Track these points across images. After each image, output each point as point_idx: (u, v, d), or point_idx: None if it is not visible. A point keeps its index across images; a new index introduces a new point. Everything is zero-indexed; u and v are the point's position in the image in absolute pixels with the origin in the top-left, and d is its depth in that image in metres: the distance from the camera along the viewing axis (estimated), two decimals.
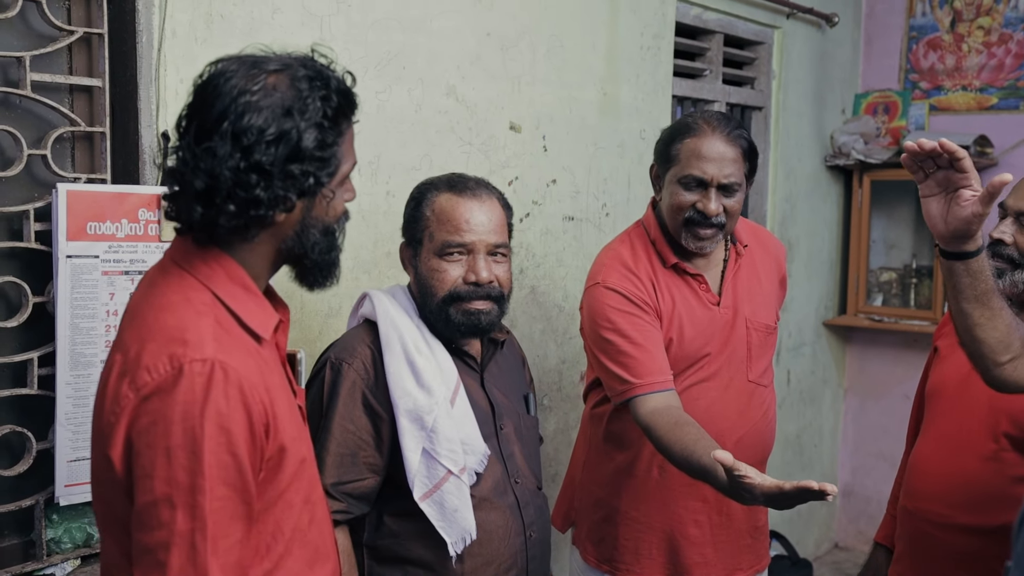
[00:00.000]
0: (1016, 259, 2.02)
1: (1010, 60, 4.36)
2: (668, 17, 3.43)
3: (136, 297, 1.35)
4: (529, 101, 2.89)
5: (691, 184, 2.02)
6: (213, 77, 1.27)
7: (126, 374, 1.23)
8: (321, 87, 1.29)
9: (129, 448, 1.21)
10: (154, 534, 1.17)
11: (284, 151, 1.24)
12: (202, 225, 1.27)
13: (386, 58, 2.46)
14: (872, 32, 4.71)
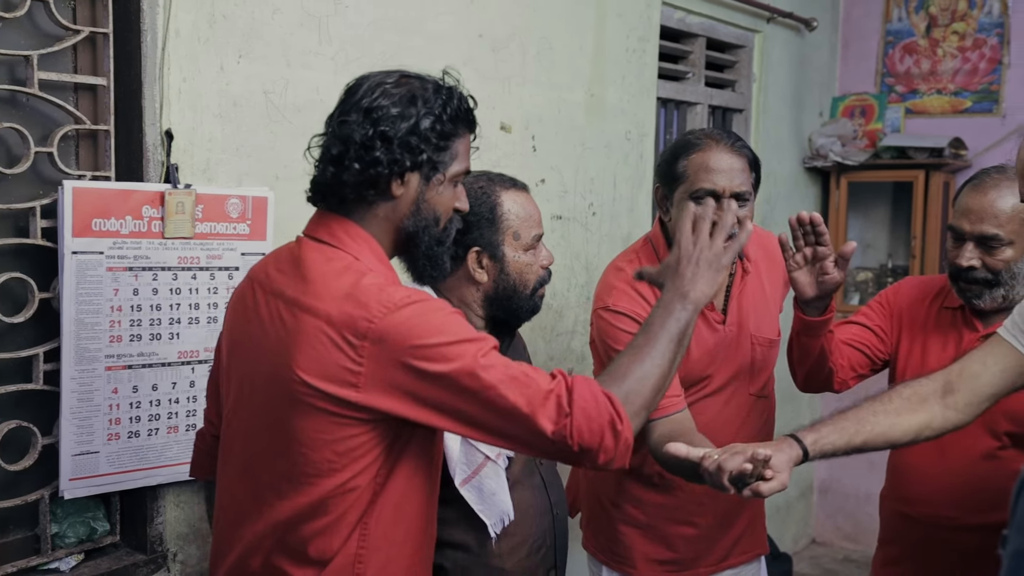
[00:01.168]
0: (989, 279, 2.06)
1: (984, 64, 4.47)
2: (653, 20, 3.49)
3: (281, 270, 1.50)
4: (519, 102, 2.94)
5: (704, 197, 2.00)
6: (358, 80, 1.52)
7: (341, 324, 1.36)
8: (445, 93, 1.52)
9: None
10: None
11: (405, 127, 1.45)
12: (331, 185, 1.47)
13: (382, 59, 2.49)
14: (849, 36, 4.80)
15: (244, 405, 1.50)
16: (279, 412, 1.42)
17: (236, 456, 1.52)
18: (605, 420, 1.38)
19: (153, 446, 2.08)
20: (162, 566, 2.14)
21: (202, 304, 2.13)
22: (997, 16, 4.42)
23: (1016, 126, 4.37)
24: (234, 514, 1.51)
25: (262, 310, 1.48)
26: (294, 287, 1.45)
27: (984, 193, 2.04)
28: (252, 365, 1.48)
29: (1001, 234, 2.01)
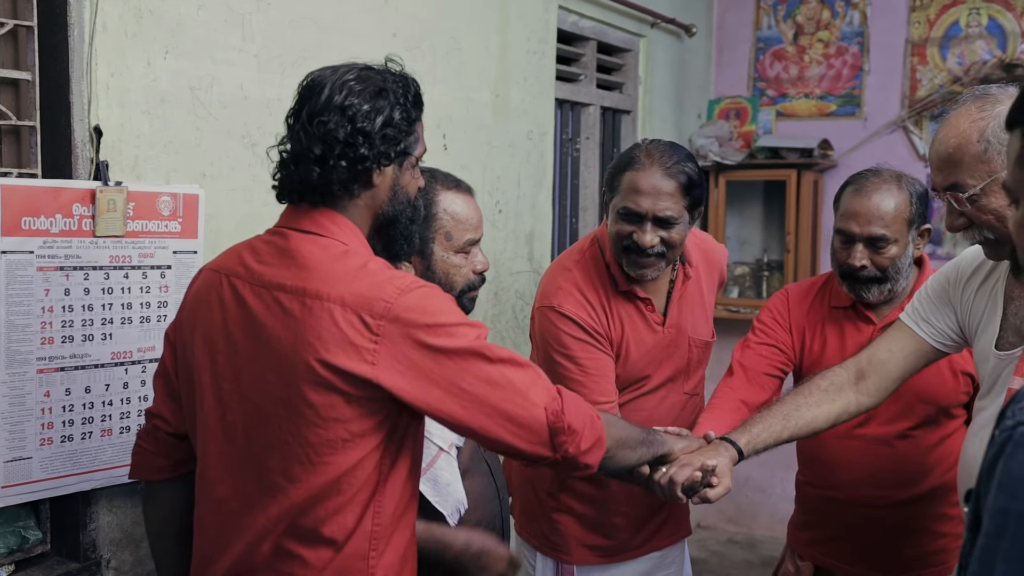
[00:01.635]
0: (878, 276, 2.22)
1: (846, 71, 4.77)
2: (551, 23, 3.60)
3: (267, 263, 1.53)
4: (430, 101, 2.94)
5: (628, 216, 2.09)
6: (315, 79, 1.57)
7: (356, 306, 1.42)
8: (403, 81, 1.60)
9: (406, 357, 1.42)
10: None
11: (380, 120, 1.52)
12: (317, 184, 1.51)
13: (303, 56, 2.49)
14: (723, 43, 5.04)
15: (241, 397, 1.50)
16: (290, 397, 1.44)
17: (235, 448, 1.52)
18: (589, 411, 1.53)
19: (87, 450, 2.02)
20: (96, 573, 2.09)
21: (135, 304, 2.09)
22: (858, 26, 4.74)
23: (876, 128, 4.69)
24: (238, 504, 1.52)
25: (252, 303, 1.49)
26: (293, 276, 1.47)
27: (868, 197, 2.19)
28: (247, 358, 1.49)
29: (888, 234, 2.17)
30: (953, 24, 4.52)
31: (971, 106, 1.78)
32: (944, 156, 1.78)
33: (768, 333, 2.35)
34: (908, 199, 2.19)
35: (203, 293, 1.58)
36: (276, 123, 2.36)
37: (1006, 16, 4.41)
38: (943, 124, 1.84)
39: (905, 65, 4.64)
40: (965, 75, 4.49)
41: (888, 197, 2.18)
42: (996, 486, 1.02)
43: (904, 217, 2.18)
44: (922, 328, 1.98)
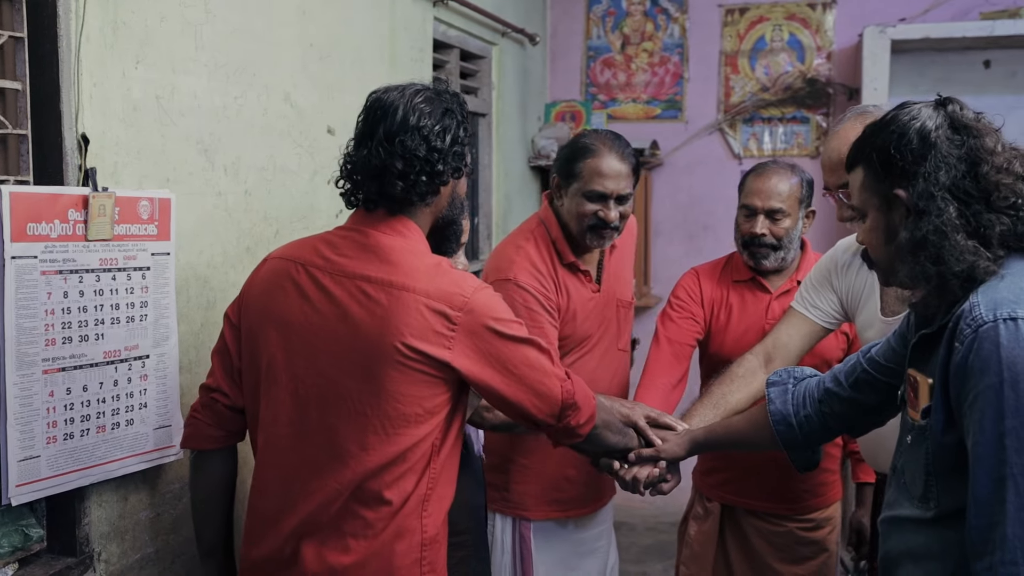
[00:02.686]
0: (774, 243, 2.68)
1: (669, 78, 5.30)
2: (427, 33, 3.84)
3: (349, 258, 1.76)
4: (341, 106, 3.15)
5: (594, 197, 2.46)
6: (384, 100, 1.82)
7: (438, 300, 1.68)
8: (458, 100, 1.87)
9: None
10: None
11: (450, 138, 1.78)
12: (400, 195, 1.75)
13: (242, 66, 2.62)
14: (556, 50, 5.44)
15: (317, 373, 1.70)
16: (373, 375, 1.65)
17: (307, 419, 1.71)
18: (590, 392, 1.87)
19: (85, 447, 2.09)
20: (90, 567, 2.15)
21: (121, 304, 2.17)
22: (678, 38, 5.26)
23: (697, 130, 5.24)
24: (307, 471, 1.71)
25: (335, 291, 1.71)
26: (377, 269, 1.69)
27: (768, 178, 2.67)
28: (327, 338, 1.69)
29: (783, 208, 2.63)
30: (760, 38, 5.14)
31: (855, 120, 2.24)
32: (836, 160, 2.23)
33: (685, 308, 2.74)
34: (800, 183, 2.67)
35: (274, 279, 1.80)
36: (224, 130, 2.52)
37: (804, 33, 5.07)
38: (833, 135, 2.30)
39: (720, 74, 5.21)
40: (771, 84, 5.12)
41: (784, 179, 2.66)
42: (975, 372, 1.40)
43: (796, 197, 2.65)
44: (811, 312, 2.43)
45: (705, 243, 5.03)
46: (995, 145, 1.53)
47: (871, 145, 1.62)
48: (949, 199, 1.51)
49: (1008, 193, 1.50)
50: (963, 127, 1.54)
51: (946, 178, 1.51)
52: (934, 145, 1.53)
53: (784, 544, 2.71)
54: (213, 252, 2.53)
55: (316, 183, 3.02)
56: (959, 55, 4.75)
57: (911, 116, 1.58)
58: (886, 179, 1.58)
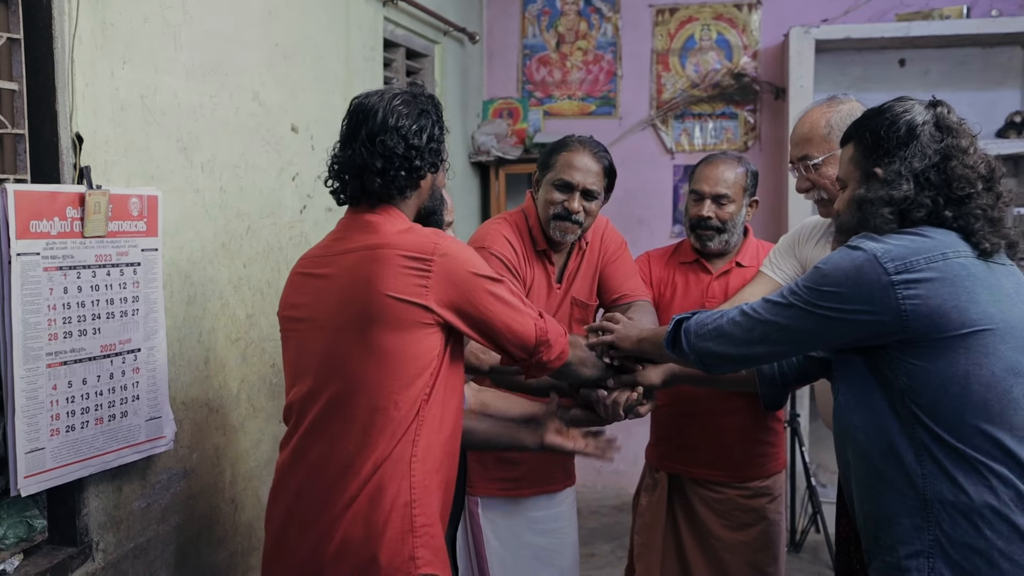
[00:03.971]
0: (719, 226, 2.87)
1: (603, 76, 5.47)
2: (378, 32, 3.92)
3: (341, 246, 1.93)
4: (303, 105, 3.23)
5: (562, 187, 2.62)
6: (366, 104, 1.95)
7: (411, 249, 1.84)
8: (433, 101, 2.01)
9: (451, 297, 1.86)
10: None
11: (426, 136, 1.93)
12: (379, 191, 1.91)
13: (216, 66, 2.68)
14: (493, 49, 5.56)
15: (318, 347, 1.90)
16: (366, 333, 1.83)
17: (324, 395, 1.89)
18: (562, 330, 2.06)
19: (85, 438, 2.14)
20: (89, 556, 2.21)
21: (115, 299, 2.22)
22: (611, 37, 5.44)
23: (630, 126, 5.43)
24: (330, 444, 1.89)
25: (326, 270, 1.91)
26: (362, 240, 1.88)
27: (716, 167, 2.87)
28: (325, 312, 1.89)
29: (729, 193, 2.83)
30: (689, 38, 5.35)
31: (823, 104, 2.48)
32: (800, 135, 2.47)
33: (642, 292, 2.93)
34: (745, 173, 2.87)
35: (291, 277, 1.99)
36: (201, 128, 2.59)
37: (731, 32, 5.29)
38: (802, 115, 2.53)
39: (652, 72, 5.40)
40: (701, 81, 5.33)
41: (731, 169, 2.86)
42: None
43: (741, 185, 2.85)
44: (776, 273, 2.64)
45: (640, 236, 5.21)
46: (968, 147, 1.80)
47: (866, 126, 1.87)
48: (910, 180, 1.78)
49: (966, 185, 1.77)
50: (946, 127, 1.80)
51: (919, 165, 1.78)
52: (918, 136, 1.79)
53: (725, 511, 2.89)
54: (192, 248, 2.59)
55: (282, 180, 3.09)
56: (877, 54, 5.02)
57: (904, 109, 1.84)
58: (871, 157, 1.84)
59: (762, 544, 2.85)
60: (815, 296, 1.78)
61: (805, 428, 4.75)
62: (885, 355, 1.75)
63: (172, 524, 2.50)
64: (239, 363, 2.82)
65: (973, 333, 1.69)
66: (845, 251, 1.79)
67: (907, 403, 1.73)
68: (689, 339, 2.00)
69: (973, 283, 1.72)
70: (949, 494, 1.68)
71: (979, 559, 1.66)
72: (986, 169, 1.79)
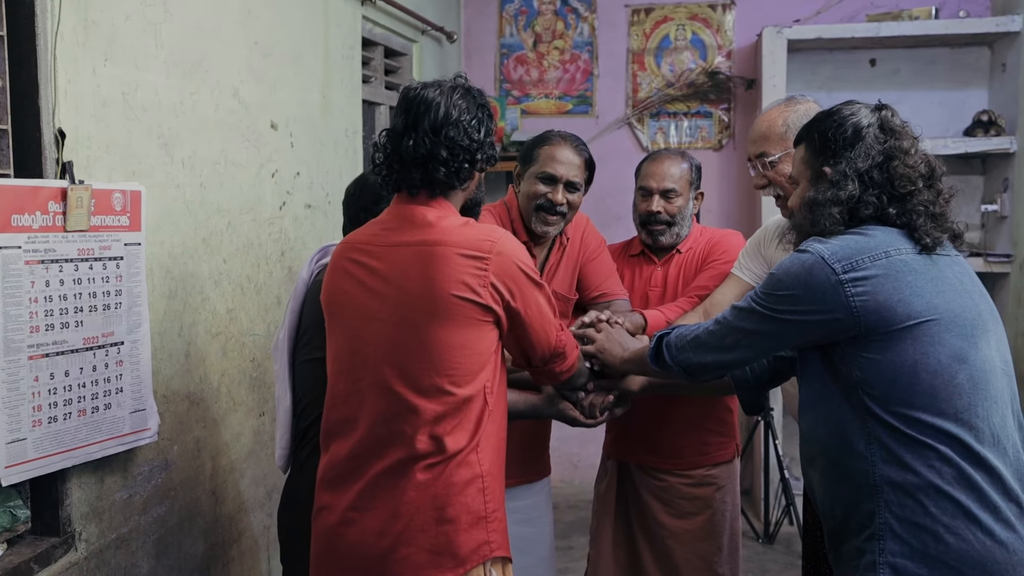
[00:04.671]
0: (669, 220, 2.93)
1: (579, 75, 5.53)
2: (356, 30, 3.96)
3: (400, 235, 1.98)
4: (282, 102, 3.26)
5: (546, 179, 2.68)
6: (425, 97, 1.97)
7: (468, 247, 1.91)
8: (482, 96, 2.05)
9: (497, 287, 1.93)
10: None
11: (484, 130, 2.00)
12: (443, 180, 1.96)
13: (196, 63, 2.71)
14: (471, 48, 5.61)
15: (374, 340, 1.97)
16: (428, 330, 1.90)
17: (370, 383, 1.97)
18: (575, 342, 2.15)
19: (67, 430, 2.18)
20: (72, 546, 2.24)
21: (98, 292, 2.26)
22: (588, 37, 5.50)
23: (607, 125, 5.49)
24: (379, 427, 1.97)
25: (378, 264, 1.96)
26: (416, 234, 1.94)
27: (661, 163, 2.95)
28: (379, 308, 1.94)
29: (676, 188, 2.90)
30: (664, 37, 5.41)
31: (781, 105, 2.56)
32: (758, 133, 2.56)
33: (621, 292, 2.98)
34: (690, 167, 2.95)
35: (334, 263, 2.06)
36: (182, 125, 2.62)
37: (706, 32, 5.36)
38: (761, 115, 2.60)
39: (628, 71, 5.47)
40: (676, 80, 5.40)
41: (675, 164, 2.94)
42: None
43: (687, 179, 2.93)
44: (745, 273, 2.70)
45: (617, 233, 5.19)
46: (910, 148, 1.91)
47: (815, 128, 1.98)
48: (855, 180, 1.88)
49: (907, 183, 1.87)
50: (889, 129, 1.92)
51: (863, 165, 1.88)
52: (863, 138, 1.90)
53: (669, 499, 2.95)
54: (173, 243, 2.63)
55: (262, 176, 3.12)
56: (848, 54, 5.11)
57: (851, 112, 1.95)
58: (820, 157, 1.94)
59: (707, 534, 2.90)
60: (772, 301, 1.89)
61: (778, 422, 4.83)
62: (839, 351, 1.84)
63: (154, 515, 2.53)
64: (220, 357, 2.85)
65: (918, 324, 1.78)
66: (795, 256, 1.89)
67: (860, 395, 1.81)
68: (671, 352, 2.09)
69: (915, 277, 1.81)
70: (897, 476, 1.76)
71: (926, 535, 1.73)
72: (926, 168, 1.90)
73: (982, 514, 1.73)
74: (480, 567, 1.94)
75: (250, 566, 3.06)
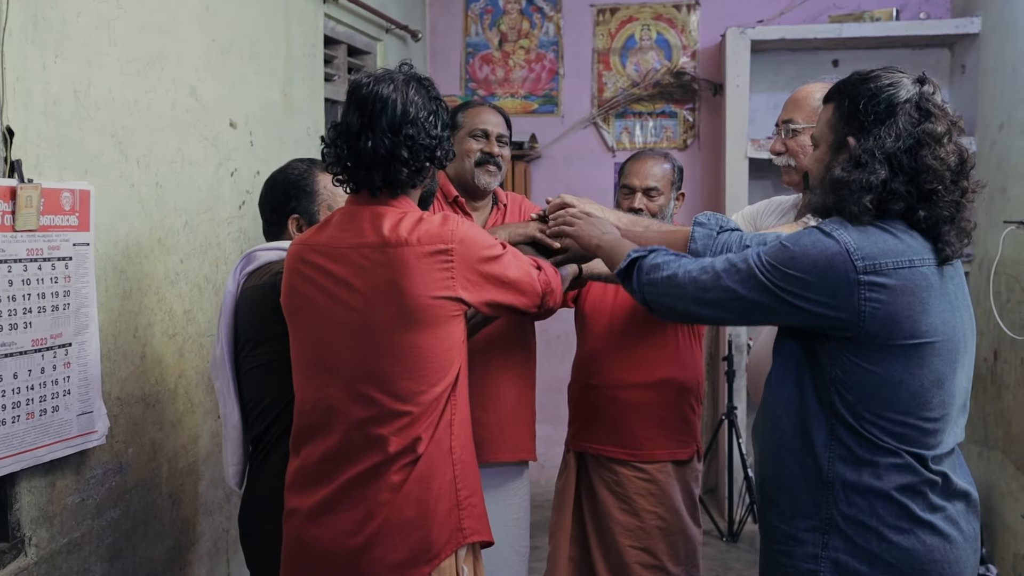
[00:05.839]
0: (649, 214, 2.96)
1: (545, 75, 5.52)
2: (319, 28, 3.93)
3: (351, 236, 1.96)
4: (241, 100, 3.23)
5: (478, 135, 2.85)
6: (379, 93, 1.93)
7: (429, 243, 1.89)
8: (433, 86, 2.03)
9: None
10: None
11: (440, 124, 1.97)
12: (404, 181, 1.94)
13: (151, 60, 2.68)
14: (436, 47, 5.59)
15: (345, 343, 1.94)
16: (401, 334, 1.89)
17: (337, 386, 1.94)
18: (555, 272, 2.16)
19: (15, 433, 2.14)
20: (21, 551, 2.20)
21: (47, 293, 2.22)
22: (553, 36, 5.50)
23: (572, 124, 5.49)
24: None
25: (336, 269, 1.93)
26: (379, 236, 1.90)
27: (644, 162, 3.00)
28: (340, 314, 1.91)
29: (658, 187, 2.96)
30: (630, 37, 5.42)
31: (822, 83, 2.54)
32: (793, 100, 2.61)
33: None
34: (672, 168, 3.02)
35: (291, 263, 2.01)
36: (136, 123, 2.58)
37: (671, 32, 5.38)
38: (800, 88, 2.64)
39: (593, 71, 5.47)
40: (642, 80, 5.41)
41: (658, 164, 3.00)
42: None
43: (669, 179, 2.99)
44: None
45: None
46: (943, 135, 1.73)
47: (847, 92, 1.82)
48: (884, 163, 1.72)
49: (934, 178, 1.72)
50: (926, 111, 1.75)
51: (891, 146, 1.72)
52: (896, 116, 1.73)
53: (623, 494, 2.94)
54: (128, 243, 2.59)
55: (220, 175, 3.09)
56: (811, 55, 5.14)
57: (890, 82, 1.77)
58: (846, 125, 1.79)
59: (658, 532, 2.90)
60: (778, 276, 1.75)
61: (742, 420, 4.85)
62: (825, 344, 1.77)
63: (107, 519, 2.50)
64: (176, 358, 2.82)
65: (917, 345, 1.72)
66: (818, 236, 1.74)
67: (832, 392, 1.76)
68: (640, 277, 1.96)
69: (929, 294, 1.72)
70: (852, 476, 1.75)
71: (870, 534, 1.74)
72: (956, 161, 1.74)
73: (929, 515, 1.74)
74: (451, 558, 1.94)
75: (209, 569, 3.02)
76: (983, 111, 4.51)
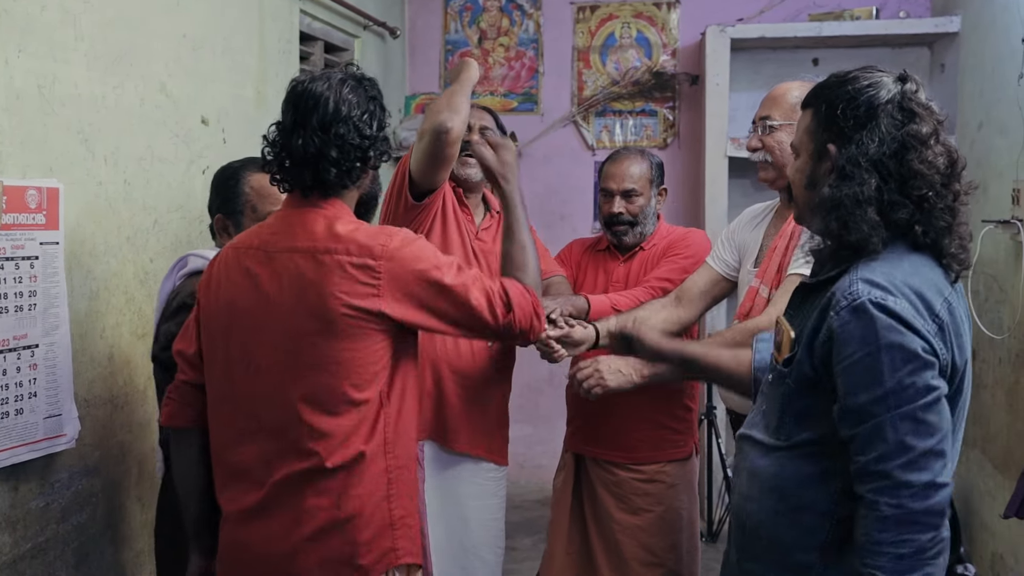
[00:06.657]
0: (631, 220, 2.93)
1: (524, 72, 5.49)
2: (294, 24, 3.88)
3: (283, 236, 1.89)
4: (213, 97, 3.18)
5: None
6: (313, 90, 1.87)
7: (358, 255, 1.82)
8: (374, 85, 1.97)
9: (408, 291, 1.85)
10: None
11: (376, 124, 1.91)
12: (334, 181, 1.87)
13: (118, 55, 2.62)
14: (415, 44, 5.55)
15: (262, 348, 1.85)
16: (320, 342, 1.80)
17: (258, 393, 1.87)
18: (531, 310, 1.99)
19: None
20: None
21: (10, 294, 2.17)
22: (533, 34, 5.46)
23: (552, 123, 5.46)
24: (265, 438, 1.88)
25: (264, 270, 1.85)
26: (305, 239, 1.84)
27: (621, 163, 2.98)
28: (267, 316, 1.84)
29: (636, 188, 2.94)
30: (610, 35, 5.39)
31: (801, 81, 2.57)
32: (771, 96, 2.60)
33: (561, 267, 3.06)
34: (650, 166, 2.98)
35: (221, 267, 1.92)
36: (103, 120, 2.53)
37: (651, 30, 5.35)
38: (778, 85, 2.62)
39: (573, 69, 5.44)
40: (622, 78, 5.38)
41: (635, 163, 2.97)
42: (849, 341, 1.59)
43: (648, 178, 2.96)
44: (715, 263, 2.78)
45: (563, 232, 5.22)
46: (930, 137, 1.63)
47: (824, 96, 1.71)
48: (872, 172, 1.61)
49: (923, 184, 1.61)
50: (909, 111, 1.64)
51: (875, 152, 1.61)
52: (877, 119, 1.62)
53: (622, 493, 2.94)
54: (95, 242, 2.54)
55: (192, 173, 3.04)
56: (791, 53, 5.12)
57: (870, 83, 1.66)
58: (826, 132, 1.68)
59: (658, 530, 2.90)
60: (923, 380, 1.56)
61: (721, 420, 4.84)
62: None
63: (73, 523, 2.45)
64: (145, 359, 2.76)
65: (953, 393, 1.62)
66: (879, 315, 1.56)
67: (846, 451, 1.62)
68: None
69: (958, 326, 1.62)
70: None
71: None
72: (946, 163, 1.64)
73: None
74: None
75: None
76: (962, 110, 4.51)
